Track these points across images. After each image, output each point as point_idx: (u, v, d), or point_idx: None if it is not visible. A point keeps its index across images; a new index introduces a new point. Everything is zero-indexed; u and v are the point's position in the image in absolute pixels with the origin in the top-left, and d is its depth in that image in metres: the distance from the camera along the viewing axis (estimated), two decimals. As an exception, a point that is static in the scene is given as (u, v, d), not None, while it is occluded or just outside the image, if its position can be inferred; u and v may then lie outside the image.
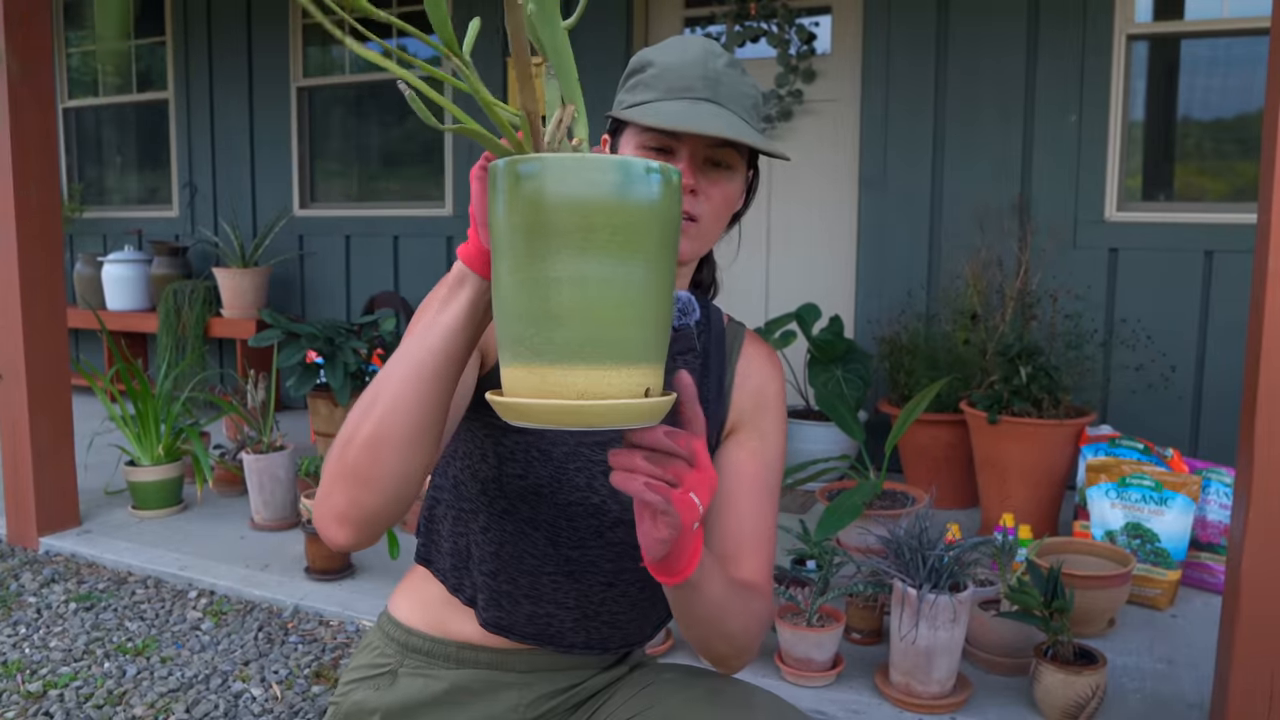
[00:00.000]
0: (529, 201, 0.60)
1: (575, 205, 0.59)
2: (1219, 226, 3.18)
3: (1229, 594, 1.69)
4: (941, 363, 3.20)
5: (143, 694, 2.05)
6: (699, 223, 0.97)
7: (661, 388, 0.65)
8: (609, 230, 0.59)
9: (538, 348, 0.61)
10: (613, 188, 0.59)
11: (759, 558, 1.01)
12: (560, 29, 0.60)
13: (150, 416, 3.10)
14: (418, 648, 1.06)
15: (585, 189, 0.59)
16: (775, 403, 1.08)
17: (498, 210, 0.62)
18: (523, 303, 0.61)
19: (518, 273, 0.61)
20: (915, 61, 3.52)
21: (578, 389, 0.60)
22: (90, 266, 5.05)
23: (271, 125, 4.89)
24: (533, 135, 0.64)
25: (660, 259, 0.63)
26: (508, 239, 0.62)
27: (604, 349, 0.61)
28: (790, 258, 3.94)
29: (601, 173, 0.59)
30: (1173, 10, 3.32)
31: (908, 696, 1.91)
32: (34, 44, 2.79)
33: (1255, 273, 1.63)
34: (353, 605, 2.45)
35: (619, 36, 4.02)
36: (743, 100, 0.97)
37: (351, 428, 0.78)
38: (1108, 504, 2.57)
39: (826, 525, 2.32)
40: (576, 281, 0.60)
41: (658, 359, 0.64)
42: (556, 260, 0.60)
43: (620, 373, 0.61)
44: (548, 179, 0.59)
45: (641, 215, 0.60)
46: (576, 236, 0.59)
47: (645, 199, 0.60)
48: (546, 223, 0.59)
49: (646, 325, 0.62)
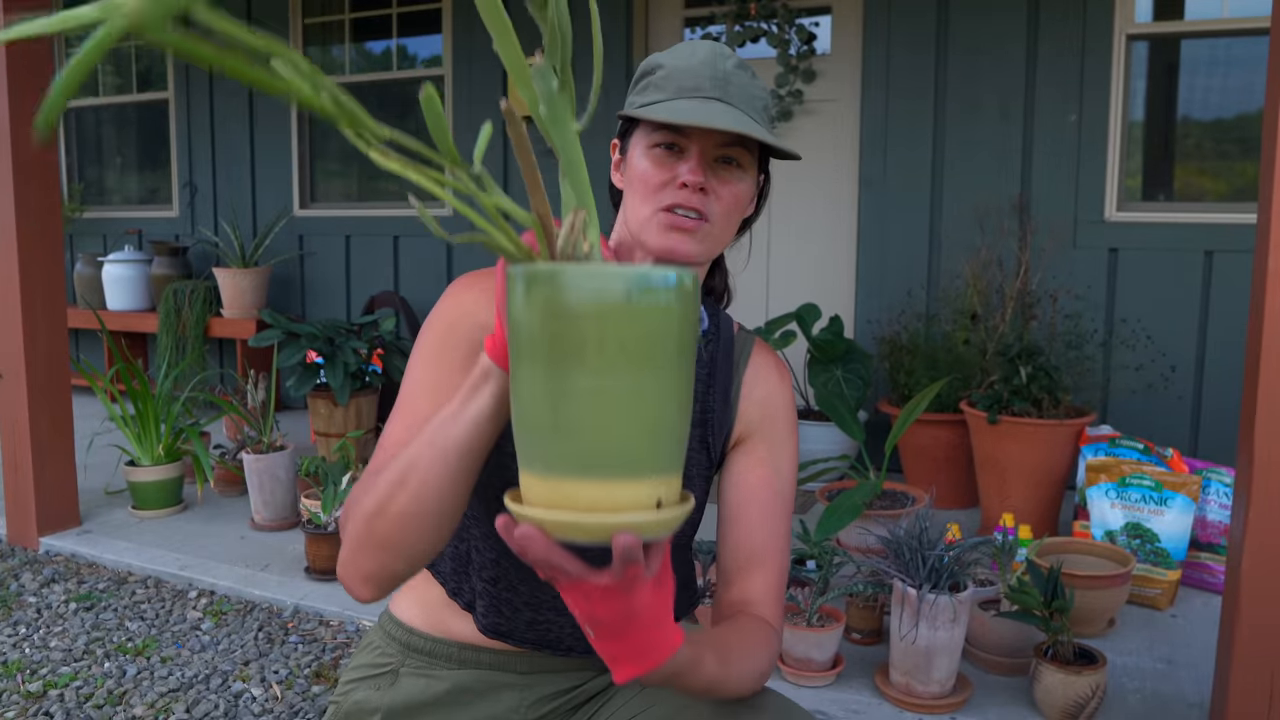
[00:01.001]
0: (540, 311, 0.58)
1: (585, 317, 0.57)
2: (1219, 226, 3.18)
3: (1229, 594, 1.69)
4: (941, 363, 3.20)
5: (143, 694, 2.05)
6: (710, 222, 0.96)
7: (677, 493, 0.63)
8: (619, 342, 0.58)
9: (549, 461, 0.60)
10: (623, 299, 0.57)
11: (769, 571, 0.99)
12: (572, 132, 0.58)
13: (150, 416, 3.10)
14: (419, 647, 1.06)
15: (595, 300, 0.57)
16: (784, 412, 1.06)
17: (511, 315, 0.61)
18: (534, 413, 0.60)
19: (530, 382, 0.60)
20: (915, 61, 3.52)
21: (588, 502, 0.59)
22: (90, 266, 5.05)
23: (271, 125, 4.89)
24: (546, 238, 0.62)
25: (674, 366, 0.61)
26: (520, 346, 0.60)
27: (614, 463, 0.59)
28: (790, 258, 3.95)
29: (611, 283, 0.57)
30: (1173, 10, 3.32)
31: (908, 696, 1.91)
32: (34, 44, 2.79)
33: (1255, 273, 1.63)
34: (353, 605, 2.45)
35: (619, 37, 4.02)
36: (752, 101, 0.97)
37: (378, 501, 0.80)
38: (1108, 504, 2.57)
39: (826, 525, 2.32)
40: (586, 395, 0.58)
41: (672, 467, 0.62)
42: (567, 372, 0.58)
43: (632, 486, 0.60)
44: (557, 289, 0.57)
45: (654, 325, 0.58)
46: (586, 349, 0.58)
47: (658, 309, 0.58)
48: (557, 333, 0.58)
49: (659, 436, 0.60)
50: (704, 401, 1.03)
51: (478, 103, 4.35)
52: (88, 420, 4.43)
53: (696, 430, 1.02)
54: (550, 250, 0.63)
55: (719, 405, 1.04)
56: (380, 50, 4.76)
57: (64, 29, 0.33)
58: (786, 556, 1.02)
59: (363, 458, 3.69)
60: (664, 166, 0.95)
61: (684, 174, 0.94)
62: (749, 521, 1.00)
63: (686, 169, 0.94)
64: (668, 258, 0.96)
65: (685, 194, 0.94)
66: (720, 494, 1.05)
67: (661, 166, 0.95)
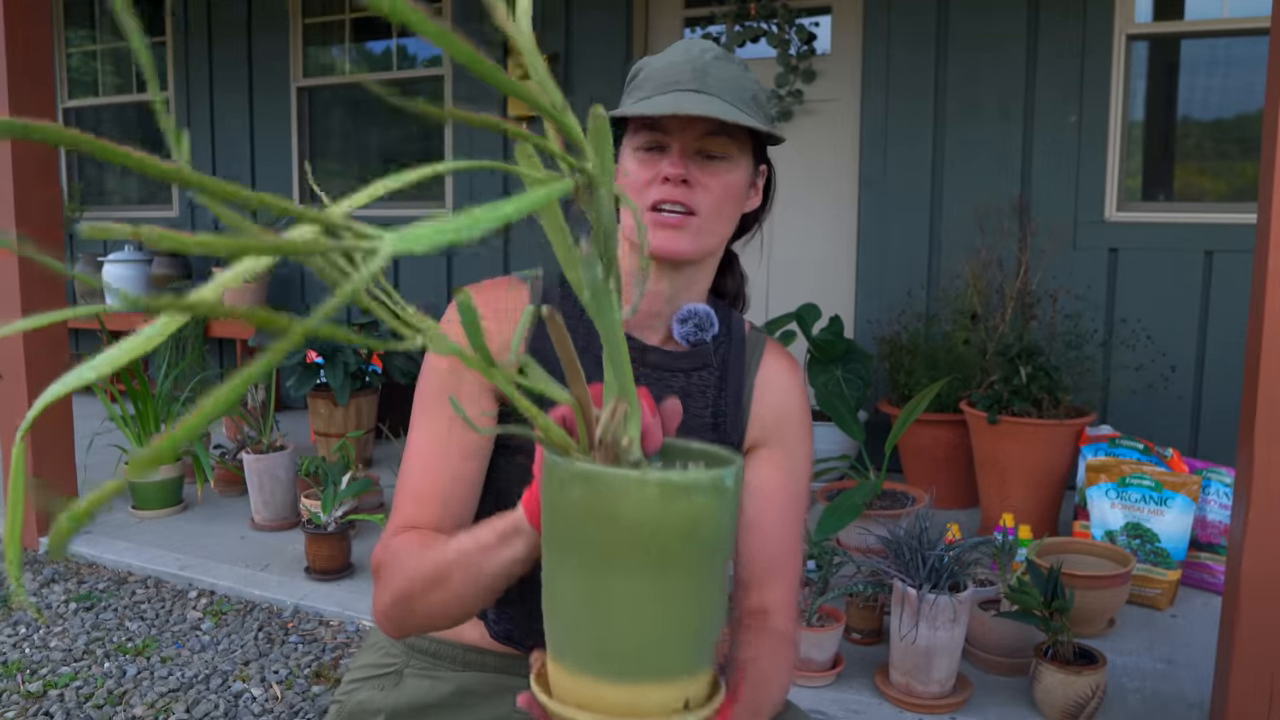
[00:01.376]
0: (575, 509, 0.57)
1: (621, 522, 0.56)
2: (1219, 226, 3.18)
3: (1229, 594, 1.69)
4: (941, 363, 3.20)
5: (143, 694, 2.05)
6: (698, 216, 0.94)
7: (706, 689, 0.62)
8: (657, 548, 0.56)
9: (579, 658, 0.59)
10: (660, 505, 0.55)
11: (786, 579, 0.99)
12: (616, 320, 0.56)
13: (150, 416, 3.10)
14: (424, 648, 1.06)
15: (628, 506, 0.55)
16: (799, 414, 1.05)
17: (545, 500, 0.60)
18: (566, 607, 0.59)
19: (563, 573, 0.59)
20: (915, 61, 3.52)
21: (615, 704, 0.58)
22: (90, 266, 5.05)
23: (271, 125, 4.89)
24: (585, 424, 0.60)
25: (712, 567, 0.59)
26: (553, 536, 0.59)
27: (647, 669, 0.58)
28: (790, 258, 3.94)
29: (649, 490, 0.55)
30: (1173, 10, 3.32)
31: (908, 696, 1.91)
32: (34, 44, 2.79)
33: (1255, 273, 1.63)
34: (353, 605, 2.45)
35: (619, 37, 4.02)
36: (737, 91, 0.94)
37: (417, 589, 0.85)
38: (1108, 504, 2.57)
39: (826, 525, 2.32)
40: (621, 599, 0.57)
41: (704, 665, 0.61)
42: (601, 573, 0.57)
43: (659, 688, 0.58)
44: (594, 492, 0.56)
45: (692, 529, 0.56)
46: (622, 552, 0.56)
47: (696, 513, 0.56)
48: (587, 535, 0.57)
49: (688, 638, 0.59)
50: (715, 404, 1.02)
51: (475, 104, 4.35)
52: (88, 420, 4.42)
53: (709, 434, 1.01)
54: (589, 437, 0.61)
55: (731, 408, 1.03)
56: (380, 50, 4.77)
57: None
58: (801, 560, 1.02)
59: (363, 458, 3.69)
60: (648, 165, 0.94)
61: (665, 168, 0.93)
62: (767, 529, 0.99)
63: (667, 163, 0.93)
64: (659, 255, 0.94)
65: (668, 189, 0.93)
66: None
67: (646, 166, 0.94)
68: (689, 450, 0.67)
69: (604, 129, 0.49)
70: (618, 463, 0.59)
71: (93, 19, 5.54)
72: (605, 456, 0.59)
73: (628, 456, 0.59)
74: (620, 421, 0.59)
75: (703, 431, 1.01)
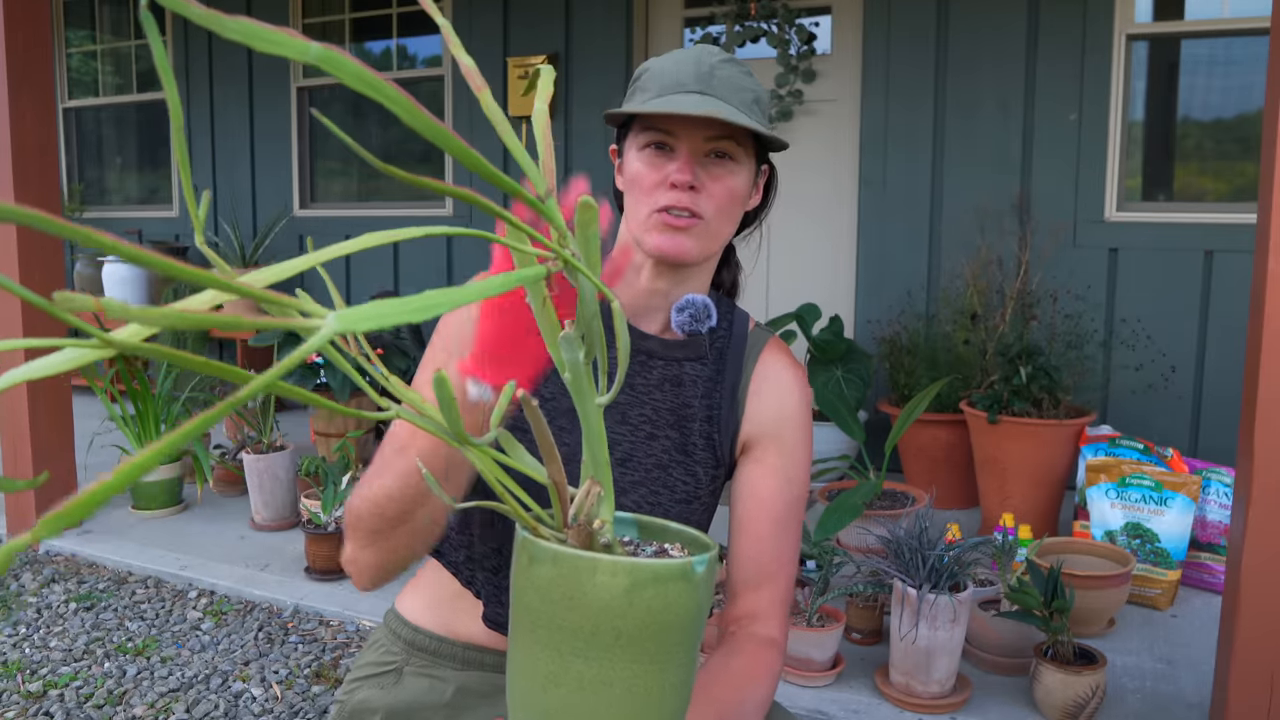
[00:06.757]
0: (537, 587, 0.56)
1: (582, 604, 0.55)
2: (1219, 226, 3.18)
3: (1229, 594, 1.69)
4: (941, 363, 3.20)
5: (143, 694, 2.05)
6: (704, 220, 0.95)
7: None
8: (614, 634, 0.55)
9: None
10: (625, 594, 0.54)
11: (777, 586, 0.98)
12: (594, 404, 0.56)
13: (150, 416, 3.10)
14: (424, 646, 1.06)
15: (594, 590, 0.54)
16: (798, 416, 1.04)
17: (514, 578, 0.59)
18: (523, 684, 0.59)
19: (526, 652, 0.58)
20: (915, 61, 3.52)
21: None
22: (90, 266, 5.05)
23: (271, 125, 4.89)
24: (560, 502, 0.60)
25: (677, 657, 0.58)
26: (519, 613, 0.58)
27: None
28: (790, 258, 3.94)
29: (615, 575, 0.54)
30: (1173, 10, 3.32)
31: (908, 696, 1.91)
32: (34, 44, 2.79)
33: (1255, 273, 1.63)
34: (353, 605, 2.45)
35: (619, 37, 4.02)
36: (740, 94, 0.96)
37: (354, 512, 0.87)
38: (1108, 504, 2.57)
39: (826, 525, 2.32)
40: (582, 683, 0.56)
41: None
42: (557, 654, 0.56)
43: None
44: (556, 571, 0.55)
45: (654, 620, 0.56)
46: (580, 635, 0.55)
47: (663, 604, 0.55)
48: (551, 615, 0.56)
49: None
50: (710, 399, 1.02)
51: (475, 104, 4.34)
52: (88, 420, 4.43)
53: (702, 428, 1.02)
54: (562, 516, 0.61)
55: (725, 404, 1.03)
56: (380, 50, 4.77)
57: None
58: (796, 565, 1.02)
59: (363, 458, 3.68)
60: (655, 167, 0.96)
61: (673, 173, 0.94)
62: (760, 534, 0.99)
63: (675, 168, 0.94)
64: (665, 257, 0.96)
65: (676, 194, 0.94)
66: (732, 500, 1.04)
67: (652, 167, 0.96)
68: (666, 530, 0.66)
69: (591, 218, 0.49)
70: (590, 544, 0.58)
71: (93, 19, 5.54)
72: (578, 537, 0.58)
73: (599, 539, 0.58)
74: (594, 503, 0.58)
75: (696, 423, 1.01)
